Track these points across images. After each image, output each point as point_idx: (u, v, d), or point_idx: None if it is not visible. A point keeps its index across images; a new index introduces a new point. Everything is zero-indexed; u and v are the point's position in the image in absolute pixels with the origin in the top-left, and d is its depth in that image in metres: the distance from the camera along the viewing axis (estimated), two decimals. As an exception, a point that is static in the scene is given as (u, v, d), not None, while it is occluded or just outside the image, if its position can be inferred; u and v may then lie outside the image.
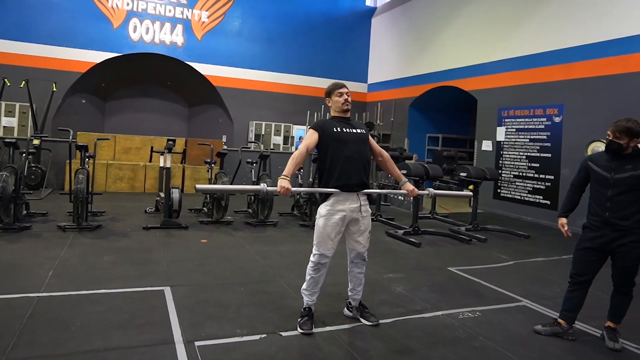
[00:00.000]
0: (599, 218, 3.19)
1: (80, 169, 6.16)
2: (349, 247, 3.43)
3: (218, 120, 13.31)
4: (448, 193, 4.15)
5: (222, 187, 3.05)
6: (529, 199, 9.20)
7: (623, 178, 3.10)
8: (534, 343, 3.25)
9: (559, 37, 8.77)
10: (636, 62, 7.48)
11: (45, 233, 5.75)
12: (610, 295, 3.34)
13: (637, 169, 3.08)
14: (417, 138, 12.92)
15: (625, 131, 3.07)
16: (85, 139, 8.95)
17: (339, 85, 3.43)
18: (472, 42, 10.84)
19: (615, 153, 3.15)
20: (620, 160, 3.15)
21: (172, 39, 12.24)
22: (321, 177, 3.39)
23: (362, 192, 3.33)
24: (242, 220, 7.32)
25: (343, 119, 3.42)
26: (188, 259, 5.01)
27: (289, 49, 13.48)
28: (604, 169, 3.20)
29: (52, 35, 11.08)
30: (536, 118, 9.11)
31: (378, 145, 3.64)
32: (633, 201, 3.09)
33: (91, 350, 2.76)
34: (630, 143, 3.09)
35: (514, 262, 5.64)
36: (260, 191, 3.22)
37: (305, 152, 3.25)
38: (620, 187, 3.10)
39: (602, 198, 3.18)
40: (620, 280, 3.22)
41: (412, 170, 7.00)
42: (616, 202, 3.12)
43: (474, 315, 3.73)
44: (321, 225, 3.27)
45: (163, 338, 2.98)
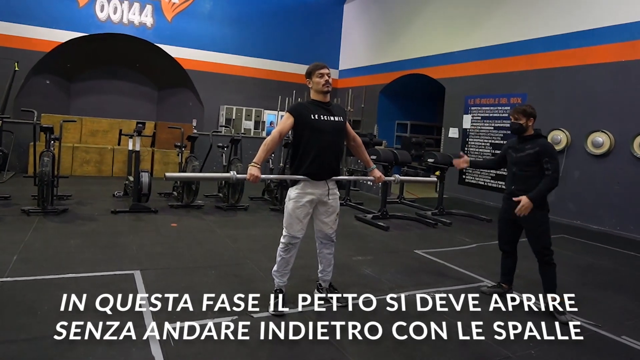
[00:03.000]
0: (508, 191, 3.79)
1: (45, 152, 6.01)
2: (316, 229, 3.53)
3: (188, 104, 13.11)
4: (414, 179, 4.35)
5: (192, 175, 3.03)
6: (491, 184, 9.51)
7: (523, 156, 3.66)
8: (493, 319, 3.44)
9: (523, 28, 9.02)
10: (594, 55, 7.80)
11: (8, 217, 5.62)
12: (538, 269, 3.70)
13: (534, 148, 3.61)
14: (387, 124, 13.08)
15: (521, 112, 3.69)
16: (50, 121, 8.67)
17: (320, 66, 3.38)
18: (441, 31, 11.00)
19: (518, 133, 3.73)
20: (523, 142, 3.71)
21: (141, 19, 11.92)
22: (292, 161, 3.44)
23: (331, 178, 3.41)
24: (213, 205, 7.32)
25: (322, 104, 3.39)
26: (158, 242, 5.01)
27: (261, 33, 13.34)
28: (513, 150, 3.79)
29: (14, 11, 10.59)
30: (500, 106, 9.38)
31: (352, 130, 3.67)
32: (531, 176, 3.60)
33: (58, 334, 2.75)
34: (528, 122, 3.68)
35: (476, 245, 5.88)
36: (230, 178, 3.21)
37: (278, 137, 3.26)
38: (521, 164, 3.66)
39: (510, 174, 3.79)
40: (535, 249, 3.66)
41: (382, 156, 7.13)
42: (518, 177, 3.69)
43: (438, 295, 3.89)
44: (290, 208, 3.35)
45: (133, 321, 3.01)
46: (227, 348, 2.77)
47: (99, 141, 10.20)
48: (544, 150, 3.59)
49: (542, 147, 3.61)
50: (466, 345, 2.99)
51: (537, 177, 3.59)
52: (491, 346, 3.00)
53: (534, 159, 3.60)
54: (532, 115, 3.71)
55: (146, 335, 2.81)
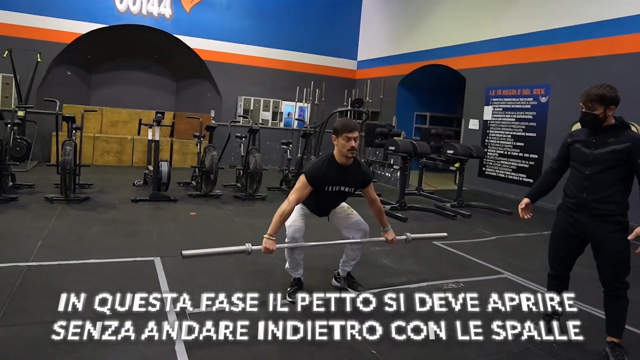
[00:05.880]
0: (575, 200, 2.81)
1: (67, 141, 6.11)
2: (343, 226, 3.55)
3: (206, 95, 13.18)
4: (424, 236, 4.23)
5: (207, 251, 3.04)
6: (512, 177, 9.36)
7: (603, 153, 2.70)
8: (514, 312, 3.38)
9: (546, 18, 8.81)
10: (620, 44, 7.58)
11: (32, 204, 5.74)
12: (603, 301, 2.87)
13: (620, 142, 2.66)
14: (406, 116, 12.97)
15: (597, 99, 2.67)
16: (71, 111, 8.79)
17: (350, 128, 3.15)
18: (461, 21, 10.81)
19: (593, 126, 2.75)
20: (602, 134, 2.73)
21: (160, 10, 11.99)
22: None
23: None
24: (231, 194, 7.36)
25: (342, 169, 3.24)
26: (177, 231, 5.06)
27: (279, 24, 13.30)
28: (584, 144, 2.80)
29: (35, 4, 10.76)
30: (523, 98, 9.20)
31: (373, 193, 3.54)
32: (614, 180, 2.69)
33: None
34: (608, 112, 2.69)
35: (496, 237, 5.80)
36: (246, 251, 3.06)
37: (295, 206, 3.21)
38: (601, 164, 2.70)
39: (577, 177, 2.80)
40: (606, 279, 2.79)
41: (401, 147, 7.07)
42: (594, 181, 2.72)
43: (457, 286, 3.86)
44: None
45: (155, 306, 3.03)
46: (244, 335, 2.77)
47: (119, 131, 10.33)
48: (637, 146, 2.64)
49: (634, 142, 2.65)
50: (486, 337, 2.94)
51: (621, 181, 2.69)
52: (513, 338, 2.95)
53: (622, 157, 2.65)
54: (614, 101, 2.69)
55: (167, 323, 2.83)
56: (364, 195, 3.52)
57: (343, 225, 3.52)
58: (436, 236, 4.19)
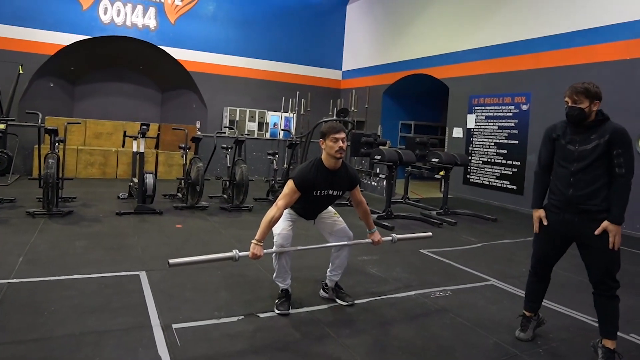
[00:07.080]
0: (561, 197, 2.78)
1: (50, 154, 6.02)
2: (328, 232, 3.54)
3: (192, 106, 13.14)
4: (411, 236, 4.27)
5: (194, 259, 2.98)
6: (496, 184, 9.47)
7: (587, 150, 2.69)
8: (502, 319, 3.42)
9: (527, 27, 9.00)
10: (598, 53, 7.77)
11: (13, 219, 5.63)
12: (594, 303, 2.81)
13: (602, 137, 2.66)
14: (391, 125, 13.08)
15: (583, 92, 2.69)
16: (54, 124, 8.70)
17: (336, 129, 3.17)
18: (444, 31, 10.99)
19: (579, 120, 2.72)
20: (585, 130, 2.73)
21: (145, 22, 11.96)
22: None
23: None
24: (217, 206, 7.31)
25: (330, 173, 3.25)
26: (163, 243, 5.00)
27: (264, 35, 13.37)
28: (569, 142, 2.78)
29: (18, 15, 10.66)
30: (505, 106, 9.35)
31: (359, 195, 3.52)
32: (598, 175, 2.67)
33: (66, 335, 2.75)
34: (593, 107, 2.69)
35: (482, 244, 5.85)
36: (233, 258, 3.02)
37: (283, 212, 3.21)
38: (585, 160, 2.69)
39: (562, 173, 2.79)
40: (597, 278, 2.73)
41: (386, 156, 7.11)
42: (580, 177, 2.70)
43: (444, 294, 3.88)
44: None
45: (140, 321, 3.00)
46: (233, 347, 2.75)
47: (103, 143, 10.22)
48: (616, 138, 2.63)
49: (613, 134, 2.64)
50: (474, 344, 2.96)
51: (605, 176, 2.67)
52: (499, 345, 2.98)
53: (604, 150, 2.65)
54: (597, 96, 2.70)
55: (153, 336, 2.80)
56: (351, 197, 3.54)
57: (328, 231, 3.52)
58: (421, 236, 4.23)
